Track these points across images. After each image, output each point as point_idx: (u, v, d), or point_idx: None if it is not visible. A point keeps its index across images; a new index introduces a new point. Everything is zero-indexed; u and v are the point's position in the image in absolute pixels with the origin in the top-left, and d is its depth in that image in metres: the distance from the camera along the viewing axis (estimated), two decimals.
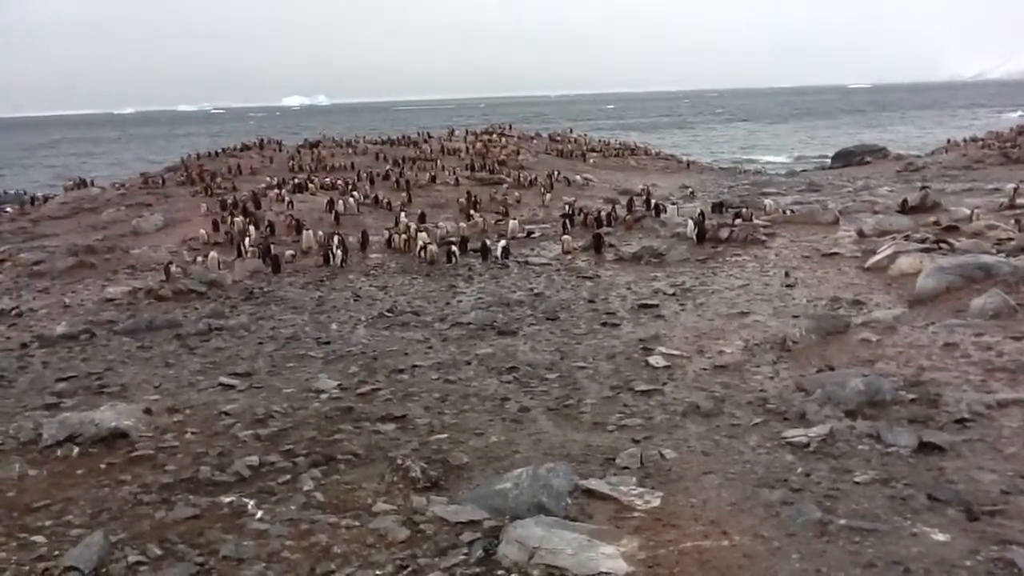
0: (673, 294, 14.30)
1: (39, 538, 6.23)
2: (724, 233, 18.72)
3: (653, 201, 24.98)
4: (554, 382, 9.95)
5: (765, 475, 6.94)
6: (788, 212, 21.40)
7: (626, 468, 7.19)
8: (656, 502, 6.44)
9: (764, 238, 18.45)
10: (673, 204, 24.91)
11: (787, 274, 14.98)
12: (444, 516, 6.37)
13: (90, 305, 15.36)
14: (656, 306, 13.49)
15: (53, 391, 10.14)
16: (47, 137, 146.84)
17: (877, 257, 15.11)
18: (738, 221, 19.78)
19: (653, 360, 10.53)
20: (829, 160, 47.72)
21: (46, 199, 31.69)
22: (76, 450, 7.92)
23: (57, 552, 5.96)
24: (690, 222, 19.60)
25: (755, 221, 20.02)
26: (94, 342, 12.65)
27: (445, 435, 8.28)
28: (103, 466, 7.65)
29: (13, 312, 14.85)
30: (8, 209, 34.31)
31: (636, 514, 6.26)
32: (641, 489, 6.68)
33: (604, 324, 12.63)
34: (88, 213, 27.39)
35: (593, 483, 6.76)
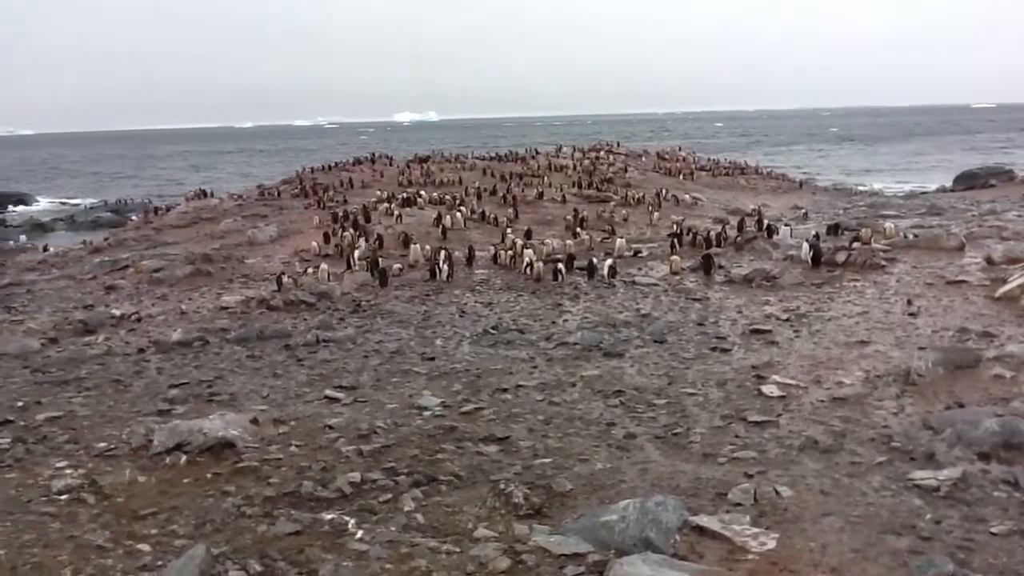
0: (787, 319, 13.71)
1: (144, 546, 6.30)
2: (841, 257, 17.96)
3: (765, 222, 24.28)
4: (662, 408, 9.60)
5: (891, 520, 6.46)
6: (909, 236, 20.38)
7: (739, 505, 6.81)
8: (772, 544, 6.05)
9: (884, 263, 17.59)
10: (785, 225, 24.08)
11: (909, 302, 14.17)
12: (547, 547, 6.14)
13: (205, 313, 15.79)
14: (769, 331, 12.95)
15: (166, 397, 10.39)
16: (173, 148, 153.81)
17: (1009, 286, 14.15)
18: (856, 244, 18.93)
19: (767, 389, 10.05)
20: (950, 182, 45.64)
21: (168, 208, 33.03)
22: (184, 458, 8.03)
23: (160, 562, 6.00)
24: (805, 244, 18.87)
25: (874, 245, 19.13)
26: (207, 349, 12.96)
27: (549, 460, 8.06)
28: (209, 476, 7.73)
29: (133, 317, 15.39)
30: (134, 217, 35.98)
31: (750, 556, 5.90)
32: (755, 529, 6.29)
33: (714, 349, 12.19)
34: (207, 223, 28.47)
35: (704, 519, 6.41)
